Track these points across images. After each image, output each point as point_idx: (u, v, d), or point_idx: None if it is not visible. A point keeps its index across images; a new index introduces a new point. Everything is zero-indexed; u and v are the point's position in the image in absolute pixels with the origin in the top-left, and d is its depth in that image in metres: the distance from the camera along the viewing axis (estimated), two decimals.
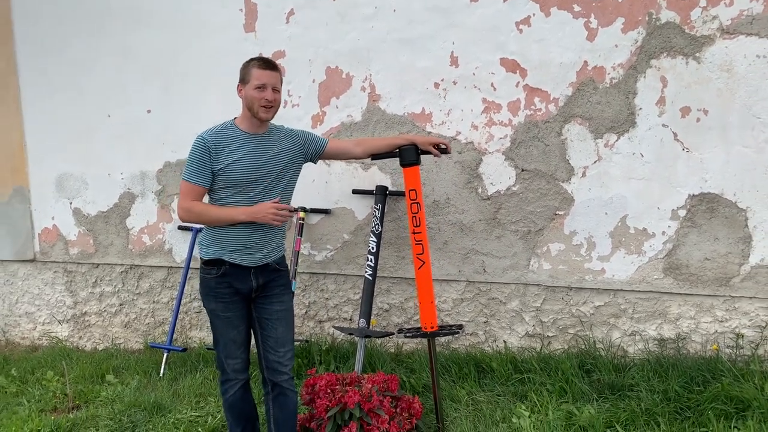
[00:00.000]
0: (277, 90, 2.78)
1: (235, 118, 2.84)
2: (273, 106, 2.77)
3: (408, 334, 3.26)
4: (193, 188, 2.72)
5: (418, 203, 3.15)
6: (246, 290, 2.78)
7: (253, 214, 2.70)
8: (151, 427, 3.52)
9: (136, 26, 4.37)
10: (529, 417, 3.21)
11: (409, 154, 3.15)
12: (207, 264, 2.80)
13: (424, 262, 3.15)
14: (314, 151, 3.01)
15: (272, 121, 2.86)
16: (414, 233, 3.17)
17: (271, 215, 2.70)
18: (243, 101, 2.79)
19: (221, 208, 2.72)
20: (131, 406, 3.71)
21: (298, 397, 3.05)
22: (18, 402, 3.97)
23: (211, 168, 2.70)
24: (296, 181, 2.96)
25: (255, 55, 4.04)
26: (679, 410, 3.13)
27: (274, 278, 2.85)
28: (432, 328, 3.19)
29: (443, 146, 3.18)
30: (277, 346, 2.82)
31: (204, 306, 2.86)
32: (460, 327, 3.31)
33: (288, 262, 3.10)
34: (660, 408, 3.14)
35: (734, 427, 2.97)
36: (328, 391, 3.09)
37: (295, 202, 3.80)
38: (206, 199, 2.80)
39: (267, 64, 2.78)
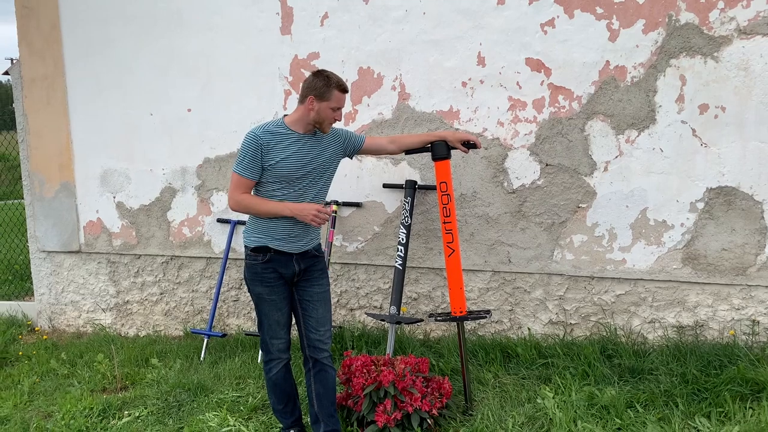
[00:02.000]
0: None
1: (285, 116, 3.04)
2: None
3: (438, 319, 3.47)
4: (244, 181, 2.95)
5: (448, 195, 3.37)
6: (289, 275, 3.03)
7: (297, 211, 2.92)
8: (195, 406, 3.76)
9: (178, 29, 4.60)
10: (553, 398, 3.40)
11: (440, 149, 3.37)
12: (254, 251, 3.02)
13: (453, 251, 3.36)
14: (352, 148, 3.26)
15: None
16: (444, 223, 3.38)
17: (311, 216, 2.91)
18: (311, 112, 2.96)
19: (269, 203, 2.95)
20: (175, 387, 3.95)
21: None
22: (69, 383, 4.24)
23: (261, 163, 2.92)
24: (334, 175, 3.18)
25: (291, 56, 4.30)
26: (697, 392, 3.29)
27: (314, 263, 3.10)
28: (461, 312, 3.40)
29: (471, 142, 3.39)
30: (318, 326, 3.08)
31: (249, 290, 3.09)
32: (488, 312, 3.52)
33: (325, 260, 3.34)
34: (678, 390, 3.30)
35: (749, 407, 3.13)
36: (364, 371, 3.30)
37: (329, 196, 4.04)
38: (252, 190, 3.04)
39: (346, 89, 3.02)
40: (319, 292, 3.11)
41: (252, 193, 3.04)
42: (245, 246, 3.08)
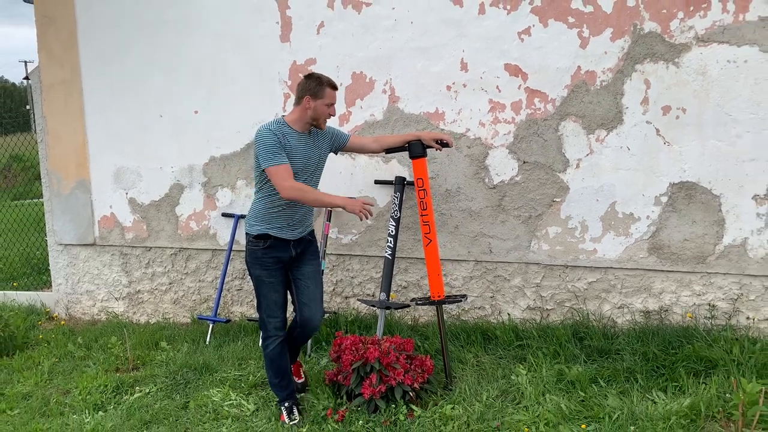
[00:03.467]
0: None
1: (284, 116, 3.40)
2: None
3: (419, 302, 3.82)
4: (285, 167, 3.22)
5: (424, 190, 3.71)
6: (286, 258, 3.43)
7: (349, 204, 3.30)
8: (201, 383, 4.11)
9: (186, 36, 4.96)
10: (526, 375, 3.72)
11: (416, 149, 3.75)
12: (256, 238, 3.38)
13: (431, 240, 3.70)
14: (339, 144, 3.65)
15: None
16: (422, 215, 3.72)
17: (359, 209, 3.29)
18: (308, 111, 3.33)
19: (325, 193, 3.43)
20: (183, 367, 4.30)
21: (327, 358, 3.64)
22: (85, 364, 4.60)
23: (284, 150, 3.25)
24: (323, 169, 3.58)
25: (290, 62, 4.64)
26: (656, 369, 3.61)
27: (306, 247, 3.53)
28: (439, 297, 3.73)
29: (444, 141, 3.75)
30: (309, 302, 3.48)
31: (250, 274, 3.46)
32: (464, 296, 3.87)
33: (318, 244, 3.73)
34: (639, 367, 3.62)
35: (702, 382, 3.44)
36: (353, 348, 3.63)
37: (324, 191, 4.35)
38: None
39: (335, 86, 3.40)
40: (311, 270, 3.52)
41: (258, 188, 3.38)
42: (247, 233, 3.44)
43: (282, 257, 3.41)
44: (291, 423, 3.47)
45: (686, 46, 3.80)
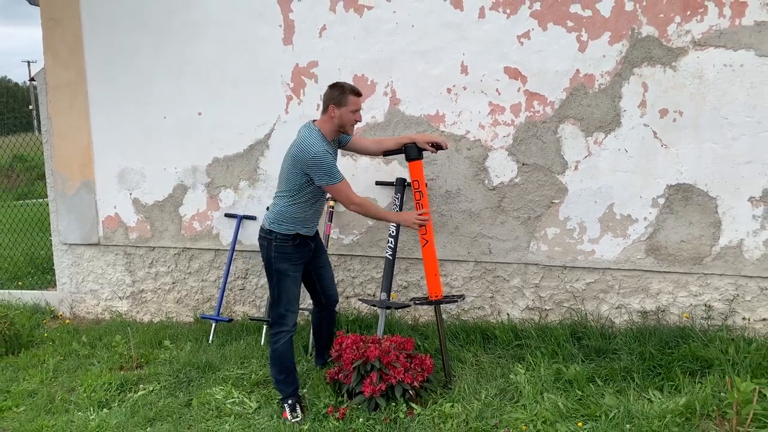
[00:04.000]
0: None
1: (316, 126, 3.59)
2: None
3: (417, 302, 3.88)
4: (346, 184, 3.57)
5: (420, 192, 3.78)
6: (308, 252, 3.76)
7: (403, 219, 3.76)
8: (203, 381, 4.17)
9: (191, 40, 5.02)
10: (524, 374, 3.77)
11: (411, 151, 3.83)
12: (287, 237, 3.62)
13: (428, 241, 3.77)
14: (341, 141, 3.82)
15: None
16: None
17: (414, 220, 3.71)
18: (335, 119, 3.56)
19: (385, 210, 4.15)
20: (186, 365, 4.37)
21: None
22: (90, 362, 4.66)
23: None
24: None
25: (292, 65, 4.70)
26: (652, 368, 3.65)
27: (318, 240, 3.89)
28: (437, 296, 3.79)
29: (438, 143, 3.87)
30: (330, 284, 3.95)
31: (275, 268, 3.65)
32: (462, 296, 3.94)
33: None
34: (636, 366, 3.67)
35: (698, 382, 3.48)
36: (353, 347, 3.68)
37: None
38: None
39: (359, 92, 3.62)
40: (324, 258, 3.94)
41: (291, 195, 3.57)
42: (273, 231, 3.62)
43: (306, 252, 3.71)
44: (293, 420, 3.54)
45: (683, 50, 3.85)
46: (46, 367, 4.59)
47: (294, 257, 3.65)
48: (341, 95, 3.51)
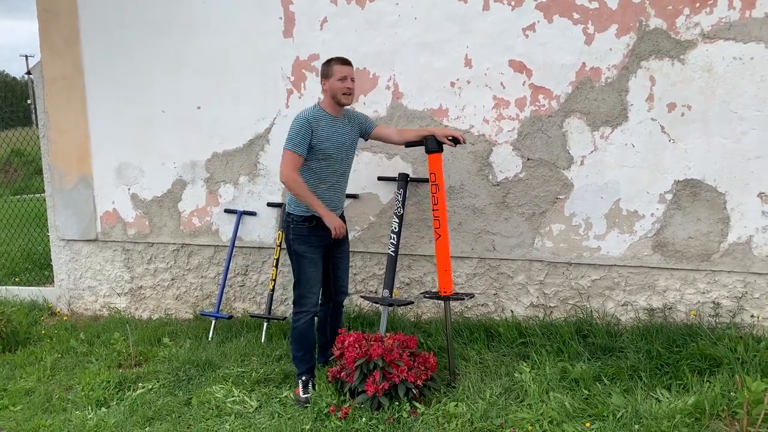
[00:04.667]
0: (353, 80, 3.64)
1: (318, 104, 3.66)
2: (352, 93, 3.65)
3: (427, 296, 3.84)
4: (296, 158, 3.53)
5: (437, 185, 3.70)
6: (327, 236, 3.69)
7: (329, 218, 3.61)
8: (203, 380, 4.10)
9: (190, 32, 4.93)
10: (530, 372, 3.71)
11: (430, 144, 3.75)
12: (303, 219, 3.66)
13: (440, 235, 3.69)
14: (366, 129, 3.87)
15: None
16: (433, 210, 3.71)
17: (336, 226, 3.62)
18: (327, 92, 3.61)
19: (313, 197, 3.60)
20: (185, 363, 4.30)
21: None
22: (88, 360, 4.60)
23: (309, 141, 3.55)
24: None
25: (293, 57, 4.63)
26: (660, 367, 3.59)
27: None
28: (446, 293, 3.72)
29: (456, 137, 3.73)
30: (343, 275, 3.96)
31: (294, 250, 3.73)
32: (471, 295, 3.87)
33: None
34: (643, 365, 3.61)
35: (707, 381, 3.42)
36: (356, 345, 3.62)
37: None
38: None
39: (344, 60, 3.64)
40: (345, 249, 3.93)
41: (303, 173, 3.61)
42: (290, 213, 3.71)
43: (324, 236, 3.67)
44: (305, 396, 3.68)
45: (692, 42, 3.78)
46: (44, 365, 4.52)
47: (311, 239, 3.67)
48: (327, 67, 3.60)
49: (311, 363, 3.84)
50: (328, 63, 3.62)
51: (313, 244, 3.70)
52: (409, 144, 3.90)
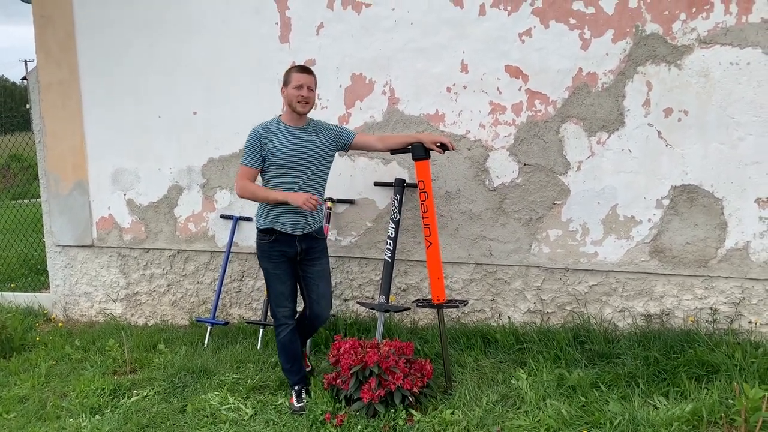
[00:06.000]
0: (311, 89, 3.55)
1: (280, 115, 3.59)
2: (308, 102, 3.55)
3: (420, 304, 3.79)
4: (248, 170, 3.53)
5: (425, 192, 3.67)
6: (292, 253, 3.62)
7: (291, 198, 3.44)
8: (199, 387, 4.07)
9: (186, 37, 4.92)
10: (526, 379, 3.69)
11: (418, 151, 3.71)
12: (262, 232, 3.60)
13: (431, 243, 3.67)
14: (344, 142, 3.76)
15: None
16: (423, 218, 3.69)
17: (302, 201, 3.40)
18: (285, 100, 3.57)
19: (268, 190, 3.53)
20: (181, 370, 4.27)
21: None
22: (83, 367, 4.57)
23: (261, 153, 3.48)
24: (329, 168, 3.70)
25: (289, 63, 4.62)
26: (657, 373, 3.57)
27: (314, 245, 3.70)
28: (439, 300, 3.70)
29: (444, 144, 3.75)
30: (319, 299, 3.73)
31: (260, 266, 3.70)
32: (465, 302, 3.84)
33: (326, 243, 3.92)
34: (640, 371, 3.58)
35: (704, 387, 3.40)
36: (352, 352, 3.60)
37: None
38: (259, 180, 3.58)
39: (303, 69, 3.60)
40: (319, 270, 3.73)
41: (259, 182, 3.58)
42: (256, 227, 3.65)
43: (287, 252, 3.59)
44: (299, 405, 3.63)
45: (688, 47, 3.76)
46: (38, 372, 4.49)
47: (272, 255, 3.60)
48: (286, 75, 3.57)
49: (301, 373, 3.77)
50: (288, 71, 3.58)
51: (275, 260, 3.60)
52: (394, 151, 3.88)
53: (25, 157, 13.17)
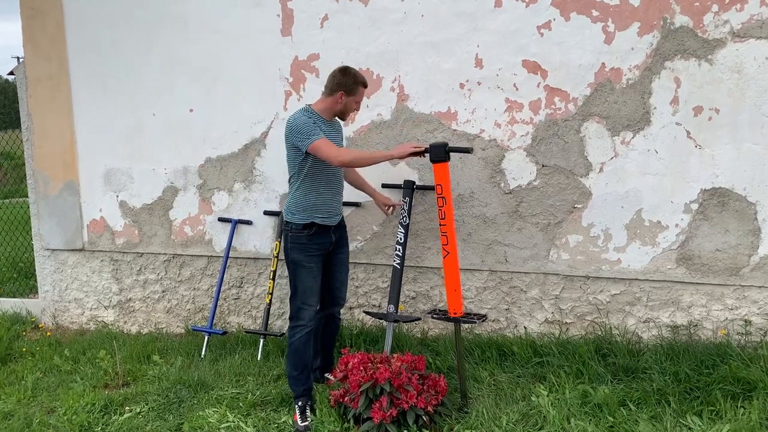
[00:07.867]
0: None
1: (310, 106, 3.53)
2: None
3: (435, 316, 3.54)
4: (326, 140, 3.36)
5: (443, 197, 3.37)
6: (328, 245, 3.61)
7: (397, 152, 3.40)
8: (195, 402, 3.82)
9: (182, 31, 4.66)
10: (548, 396, 3.44)
11: (437, 152, 3.33)
12: (302, 227, 3.50)
13: (449, 253, 3.39)
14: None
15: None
16: (440, 225, 3.41)
17: (409, 150, 3.37)
18: (339, 104, 3.50)
19: (376, 151, 3.85)
20: (176, 384, 4.02)
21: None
22: (72, 379, 4.30)
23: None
24: None
25: (291, 57, 4.36)
26: (689, 390, 3.34)
27: (343, 234, 3.76)
28: (457, 314, 3.43)
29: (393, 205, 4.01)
30: (340, 285, 3.78)
31: (291, 259, 3.54)
32: (484, 317, 3.58)
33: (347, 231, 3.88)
34: (671, 388, 3.35)
35: (741, 406, 3.17)
36: (361, 368, 3.35)
37: None
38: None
39: (367, 85, 3.60)
40: (342, 258, 3.76)
41: (297, 179, 3.50)
42: (288, 222, 3.53)
43: (325, 243, 3.57)
44: (303, 424, 3.39)
45: (721, 41, 3.53)
46: (25, 385, 4.22)
47: (310, 248, 3.52)
48: (354, 85, 3.48)
49: (308, 384, 3.57)
50: (355, 81, 3.48)
51: (312, 253, 3.52)
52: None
53: (17, 156, 12.87)
